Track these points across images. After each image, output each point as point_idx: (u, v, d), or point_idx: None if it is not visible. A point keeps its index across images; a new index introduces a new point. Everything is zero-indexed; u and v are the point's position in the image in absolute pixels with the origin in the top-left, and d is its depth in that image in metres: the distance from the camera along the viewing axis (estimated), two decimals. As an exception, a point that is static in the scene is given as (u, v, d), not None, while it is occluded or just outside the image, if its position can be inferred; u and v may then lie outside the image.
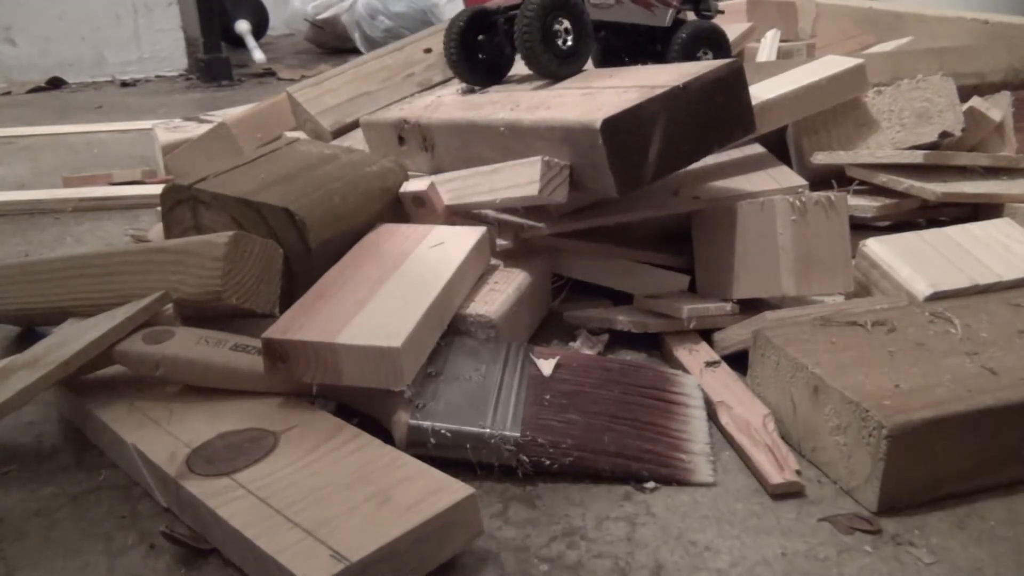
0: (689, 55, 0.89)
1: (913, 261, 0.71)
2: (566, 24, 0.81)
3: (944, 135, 0.84)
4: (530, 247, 0.79)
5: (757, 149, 0.87)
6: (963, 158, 0.83)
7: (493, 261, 0.76)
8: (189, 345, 0.60)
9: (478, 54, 0.89)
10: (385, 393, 0.57)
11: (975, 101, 0.87)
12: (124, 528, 0.54)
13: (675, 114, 0.66)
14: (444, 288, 0.62)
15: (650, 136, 0.66)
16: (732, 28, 1.25)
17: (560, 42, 0.81)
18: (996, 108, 0.88)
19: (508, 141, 0.72)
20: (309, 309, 0.60)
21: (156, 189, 1.14)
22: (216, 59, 2.26)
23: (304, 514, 0.47)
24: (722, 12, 1.00)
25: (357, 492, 0.49)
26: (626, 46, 0.93)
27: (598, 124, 0.63)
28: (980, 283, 0.69)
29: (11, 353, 0.70)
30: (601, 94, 0.70)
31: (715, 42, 0.91)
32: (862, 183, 0.83)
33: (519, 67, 0.90)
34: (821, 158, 0.85)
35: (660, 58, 0.90)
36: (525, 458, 0.56)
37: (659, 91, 0.66)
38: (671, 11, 0.91)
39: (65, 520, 0.55)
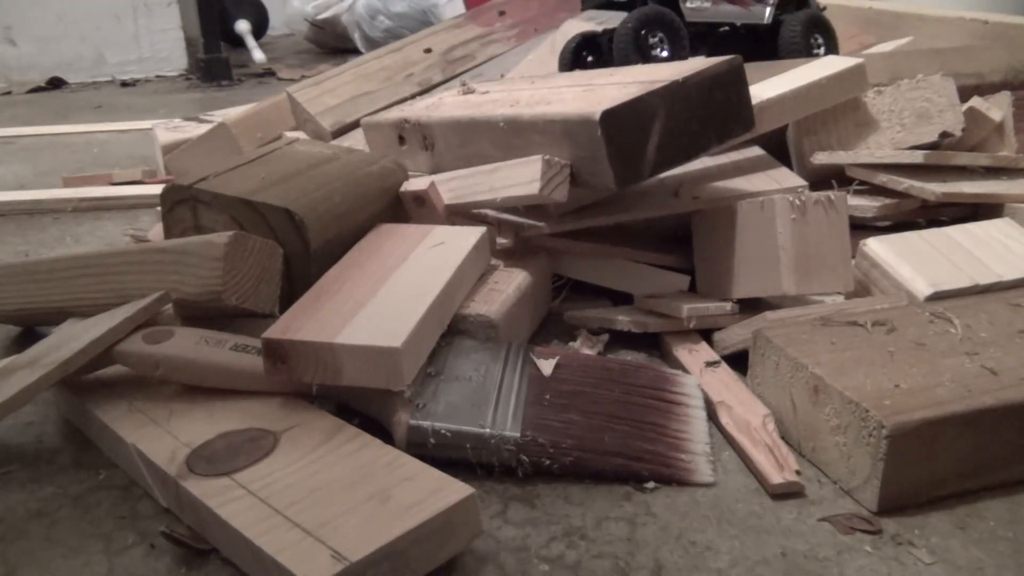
0: (806, 44, 0.96)
1: (913, 261, 0.71)
2: (660, 35, 0.92)
3: (944, 135, 0.83)
4: (530, 247, 0.79)
5: (757, 151, 0.87)
6: (963, 158, 0.83)
7: (493, 261, 0.76)
8: (189, 345, 0.60)
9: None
10: (385, 393, 0.57)
11: (975, 101, 0.87)
12: (124, 528, 0.54)
13: (674, 108, 0.66)
14: (444, 288, 0.62)
15: (649, 130, 0.66)
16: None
17: (656, 51, 0.90)
18: (996, 108, 0.88)
19: (508, 136, 0.72)
20: (309, 309, 0.60)
21: (156, 189, 1.15)
22: (216, 59, 2.26)
23: (304, 514, 0.47)
24: (824, 8, 1.06)
25: (357, 492, 0.49)
26: (735, 51, 0.99)
27: (597, 116, 0.63)
28: (980, 283, 0.69)
29: (11, 353, 0.70)
30: (602, 89, 0.70)
31: (827, 31, 0.98)
32: (862, 183, 0.83)
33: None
34: (821, 158, 0.85)
35: (771, 58, 0.97)
36: (525, 458, 0.56)
37: (658, 85, 0.66)
38: (769, 8, 0.96)
39: (65, 520, 0.55)
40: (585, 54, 1.03)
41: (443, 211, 0.76)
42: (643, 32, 0.91)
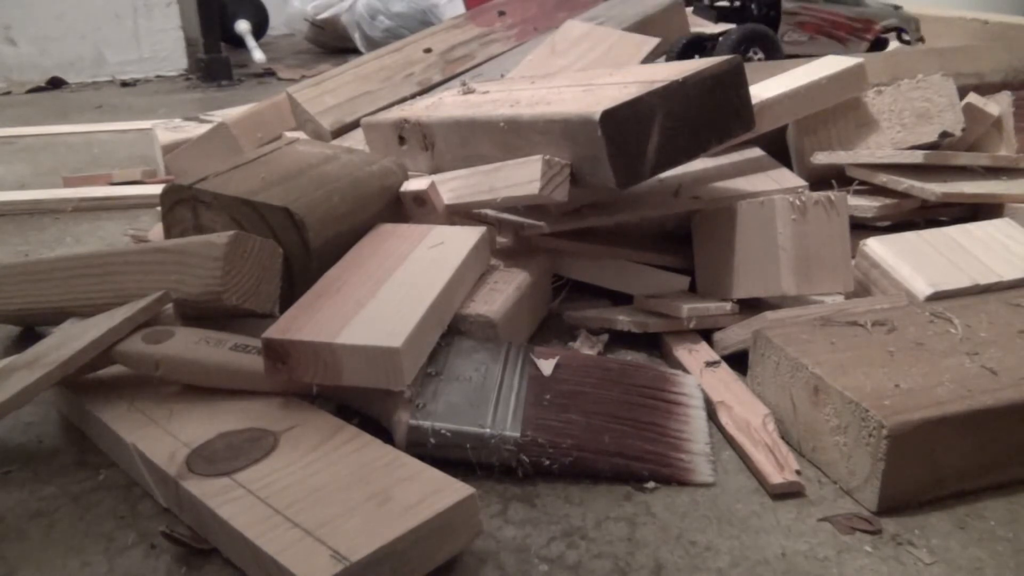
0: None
1: (913, 261, 0.71)
2: (760, 55, 1.01)
3: (944, 135, 0.84)
4: (530, 247, 0.79)
5: (756, 152, 0.87)
6: (963, 158, 0.83)
7: (493, 261, 0.76)
8: (189, 345, 0.60)
9: None
10: (385, 393, 0.57)
11: (972, 96, 0.87)
12: (124, 528, 0.54)
13: (674, 108, 0.66)
14: (444, 288, 0.62)
15: (649, 129, 0.66)
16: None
17: None
18: (993, 103, 0.88)
19: (508, 137, 0.72)
20: (309, 309, 0.60)
21: (156, 189, 1.14)
22: (216, 59, 2.26)
23: (304, 514, 0.47)
24: (922, 40, 1.17)
25: (357, 492, 0.49)
26: None
27: (597, 116, 0.63)
28: (980, 283, 0.69)
29: (11, 353, 0.70)
30: (601, 89, 0.70)
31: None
32: (862, 183, 0.83)
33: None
34: (821, 158, 0.85)
35: None
36: (525, 458, 0.56)
37: (658, 85, 0.66)
38: (865, 43, 1.04)
39: (65, 520, 0.55)
40: (693, 55, 1.11)
41: (443, 211, 0.76)
42: (743, 47, 1.00)
